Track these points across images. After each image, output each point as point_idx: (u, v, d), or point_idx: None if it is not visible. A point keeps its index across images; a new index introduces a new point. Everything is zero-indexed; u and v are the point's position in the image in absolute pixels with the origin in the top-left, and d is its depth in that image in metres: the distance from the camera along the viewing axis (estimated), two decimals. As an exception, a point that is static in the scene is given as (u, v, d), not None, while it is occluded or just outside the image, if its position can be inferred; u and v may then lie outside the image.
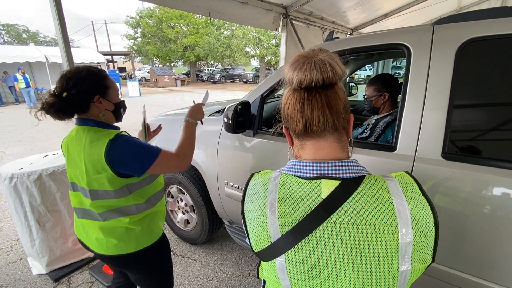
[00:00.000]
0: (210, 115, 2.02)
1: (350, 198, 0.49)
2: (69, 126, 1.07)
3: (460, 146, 1.02)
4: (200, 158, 1.93)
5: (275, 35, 21.40)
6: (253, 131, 1.60)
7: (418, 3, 4.64)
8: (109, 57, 19.55)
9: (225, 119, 1.48)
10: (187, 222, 2.30)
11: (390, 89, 1.63)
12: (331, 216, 0.48)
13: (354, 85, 2.95)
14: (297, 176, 0.54)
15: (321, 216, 0.49)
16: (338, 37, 1.53)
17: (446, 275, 1.08)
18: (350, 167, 0.52)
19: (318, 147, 0.54)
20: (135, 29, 26.53)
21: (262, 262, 0.58)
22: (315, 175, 0.52)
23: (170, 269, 1.29)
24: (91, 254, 2.16)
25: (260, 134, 1.60)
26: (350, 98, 3.02)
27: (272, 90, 1.59)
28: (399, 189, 0.49)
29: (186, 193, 2.15)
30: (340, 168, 0.51)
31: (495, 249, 0.96)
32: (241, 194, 1.50)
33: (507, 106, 0.98)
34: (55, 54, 12.00)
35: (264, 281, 0.66)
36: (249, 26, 14.44)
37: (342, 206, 0.48)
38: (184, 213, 2.30)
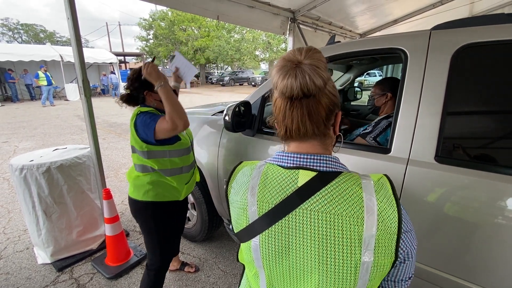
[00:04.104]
0: (213, 114, 2.07)
1: (323, 189, 0.52)
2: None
3: (453, 150, 1.03)
4: (201, 156, 1.97)
5: (284, 39, 21.48)
6: (253, 131, 1.63)
7: (428, 10, 4.61)
8: (122, 58, 19.97)
9: (225, 118, 1.52)
10: (188, 219, 2.34)
11: (394, 90, 1.67)
12: (304, 203, 0.52)
13: (359, 90, 2.96)
14: (279, 166, 0.58)
15: (295, 202, 0.52)
16: (339, 41, 1.56)
17: (431, 276, 1.09)
18: (328, 162, 0.55)
19: (300, 147, 0.58)
20: (147, 31, 27.08)
21: (241, 245, 0.62)
22: (294, 165, 0.56)
23: (164, 239, 1.49)
24: (94, 246, 2.22)
25: (260, 134, 1.63)
26: (354, 103, 3.03)
27: (273, 92, 1.62)
28: (371, 187, 0.52)
29: (187, 191, 2.20)
30: (319, 161, 0.55)
31: (486, 252, 0.96)
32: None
33: (501, 111, 0.99)
34: (70, 54, 12.38)
35: (244, 267, 0.70)
36: (258, 30, 14.55)
37: (315, 195, 0.52)
38: (185, 210, 2.34)
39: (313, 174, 0.53)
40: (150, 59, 1.42)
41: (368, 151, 1.24)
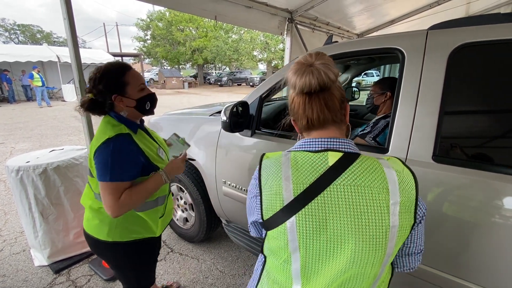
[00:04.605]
0: (211, 115, 2.06)
1: (351, 166, 0.59)
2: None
3: (450, 150, 1.04)
4: (199, 157, 1.96)
5: (282, 40, 21.51)
6: (251, 131, 1.63)
7: (425, 10, 4.64)
8: (119, 58, 19.92)
9: (223, 118, 1.51)
10: (186, 220, 2.33)
11: (393, 89, 1.67)
12: (337, 179, 0.58)
13: (357, 90, 2.97)
14: (307, 151, 0.64)
15: (329, 179, 0.59)
16: (336, 41, 1.56)
17: (430, 275, 1.09)
18: (349, 144, 0.64)
19: (322, 133, 0.65)
20: (145, 32, 27.01)
21: (268, 235, 0.65)
22: (322, 148, 0.63)
23: (140, 276, 1.27)
24: (91, 248, 2.21)
25: (258, 135, 1.63)
26: (352, 103, 3.04)
27: (271, 92, 1.62)
28: (388, 164, 0.61)
29: (185, 191, 2.19)
30: (343, 144, 0.63)
31: (484, 251, 0.96)
32: (238, 193, 1.54)
33: (498, 111, 0.99)
34: (67, 54, 12.27)
35: (264, 260, 0.71)
36: (256, 30, 14.58)
37: (345, 171, 0.59)
38: (183, 211, 2.33)
39: (340, 154, 0.61)
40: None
41: (365, 150, 1.24)
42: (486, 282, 0.97)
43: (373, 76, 17.09)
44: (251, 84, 22.90)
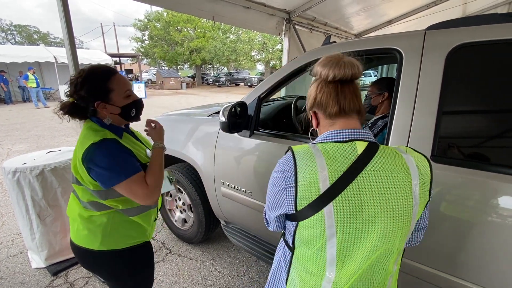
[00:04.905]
0: (209, 115, 2.06)
1: (377, 153, 0.66)
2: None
3: (448, 150, 1.04)
4: (198, 157, 1.96)
5: (280, 40, 21.52)
6: (249, 132, 1.63)
7: (422, 10, 4.66)
8: (117, 59, 19.86)
9: (221, 118, 1.51)
10: (185, 221, 2.32)
11: (391, 90, 1.67)
12: (367, 165, 0.64)
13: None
14: (334, 142, 0.69)
15: (360, 166, 0.64)
16: (334, 42, 1.56)
17: (429, 275, 1.09)
18: (370, 135, 0.70)
19: (347, 123, 0.71)
20: (143, 32, 26.94)
21: (300, 225, 0.67)
22: (350, 138, 0.69)
23: (140, 281, 1.20)
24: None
25: (257, 135, 1.63)
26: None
27: (269, 92, 1.62)
28: (403, 150, 0.70)
29: (184, 192, 2.18)
30: (366, 134, 0.70)
31: (482, 250, 0.97)
32: (237, 194, 1.54)
33: (496, 110, 1.00)
34: (64, 55, 12.23)
35: (292, 254, 0.74)
36: (254, 31, 14.57)
37: (373, 158, 0.65)
38: (181, 212, 2.33)
39: (366, 144, 0.67)
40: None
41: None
42: (485, 282, 0.98)
43: (370, 76, 17.13)
44: (249, 84, 22.90)
